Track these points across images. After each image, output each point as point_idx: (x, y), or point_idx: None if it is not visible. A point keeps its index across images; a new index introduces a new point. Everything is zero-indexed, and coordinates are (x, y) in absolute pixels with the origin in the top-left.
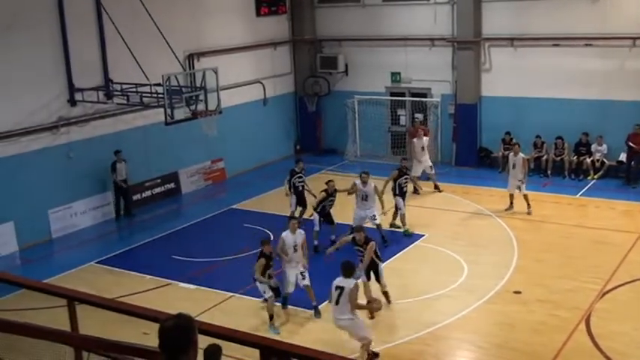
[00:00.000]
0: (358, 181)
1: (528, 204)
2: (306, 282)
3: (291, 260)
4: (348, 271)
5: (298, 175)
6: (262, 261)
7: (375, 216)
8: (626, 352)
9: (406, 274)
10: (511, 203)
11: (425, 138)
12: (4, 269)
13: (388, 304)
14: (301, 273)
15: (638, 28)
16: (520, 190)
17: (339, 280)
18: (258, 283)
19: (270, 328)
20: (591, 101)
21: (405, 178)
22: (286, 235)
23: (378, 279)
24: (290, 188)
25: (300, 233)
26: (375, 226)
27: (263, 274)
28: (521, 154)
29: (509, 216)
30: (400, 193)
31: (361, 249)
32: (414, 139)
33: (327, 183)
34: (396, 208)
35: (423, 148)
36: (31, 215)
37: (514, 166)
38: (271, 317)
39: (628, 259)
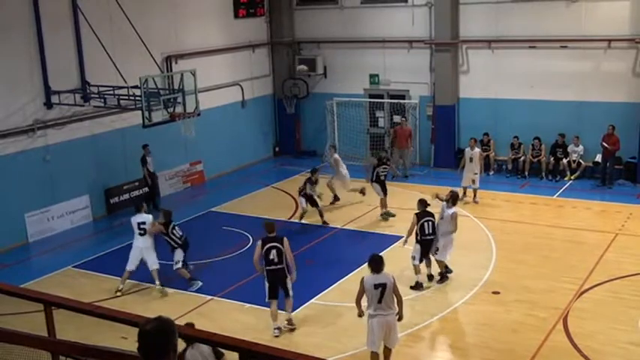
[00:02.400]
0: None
1: (475, 194)
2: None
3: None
4: (380, 266)
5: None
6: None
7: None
8: (603, 351)
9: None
10: (464, 194)
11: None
12: None
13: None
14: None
15: (612, 30)
16: (474, 183)
17: (374, 278)
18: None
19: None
20: (567, 102)
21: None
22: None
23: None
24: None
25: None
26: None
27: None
28: (477, 149)
29: (487, 217)
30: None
31: None
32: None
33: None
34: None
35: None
36: (8, 219)
37: (471, 160)
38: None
39: (604, 258)
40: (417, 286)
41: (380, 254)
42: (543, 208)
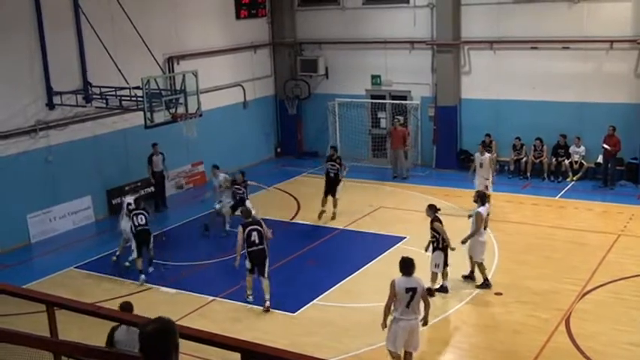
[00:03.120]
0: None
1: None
2: None
3: None
4: (412, 269)
5: (237, 186)
6: None
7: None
8: (605, 352)
9: (387, 276)
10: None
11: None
12: None
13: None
14: None
15: (614, 31)
16: (487, 189)
17: (406, 281)
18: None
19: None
20: (569, 103)
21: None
22: None
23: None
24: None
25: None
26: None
27: None
28: (487, 154)
29: (490, 218)
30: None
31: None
32: None
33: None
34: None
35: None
36: (10, 220)
37: (481, 165)
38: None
39: (606, 259)
40: (439, 291)
41: (410, 257)
42: (545, 209)
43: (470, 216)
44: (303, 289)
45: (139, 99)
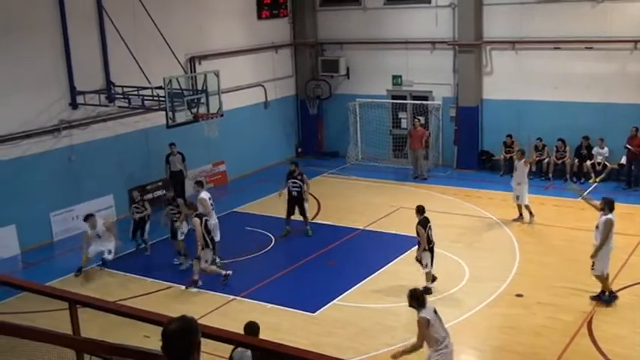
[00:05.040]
0: None
1: (530, 212)
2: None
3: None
4: None
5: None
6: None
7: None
8: (628, 355)
9: (406, 277)
10: (520, 214)
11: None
12: (6, 272)
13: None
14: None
15: (639, 31)
16: (518, 199)
17: None
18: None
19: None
20: (592, 104)
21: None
22: None
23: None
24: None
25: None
26: None
27: None
28: (523, 159)
29: (510, 219)
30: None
31: None
32: None
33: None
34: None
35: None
36: (33, 218)
37: (516, 169)
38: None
39: (630, 262)
40: (427, 291)
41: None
42: (567, 211)
43: (597, 227)
44: (323, 289)
45: (161, 99)
